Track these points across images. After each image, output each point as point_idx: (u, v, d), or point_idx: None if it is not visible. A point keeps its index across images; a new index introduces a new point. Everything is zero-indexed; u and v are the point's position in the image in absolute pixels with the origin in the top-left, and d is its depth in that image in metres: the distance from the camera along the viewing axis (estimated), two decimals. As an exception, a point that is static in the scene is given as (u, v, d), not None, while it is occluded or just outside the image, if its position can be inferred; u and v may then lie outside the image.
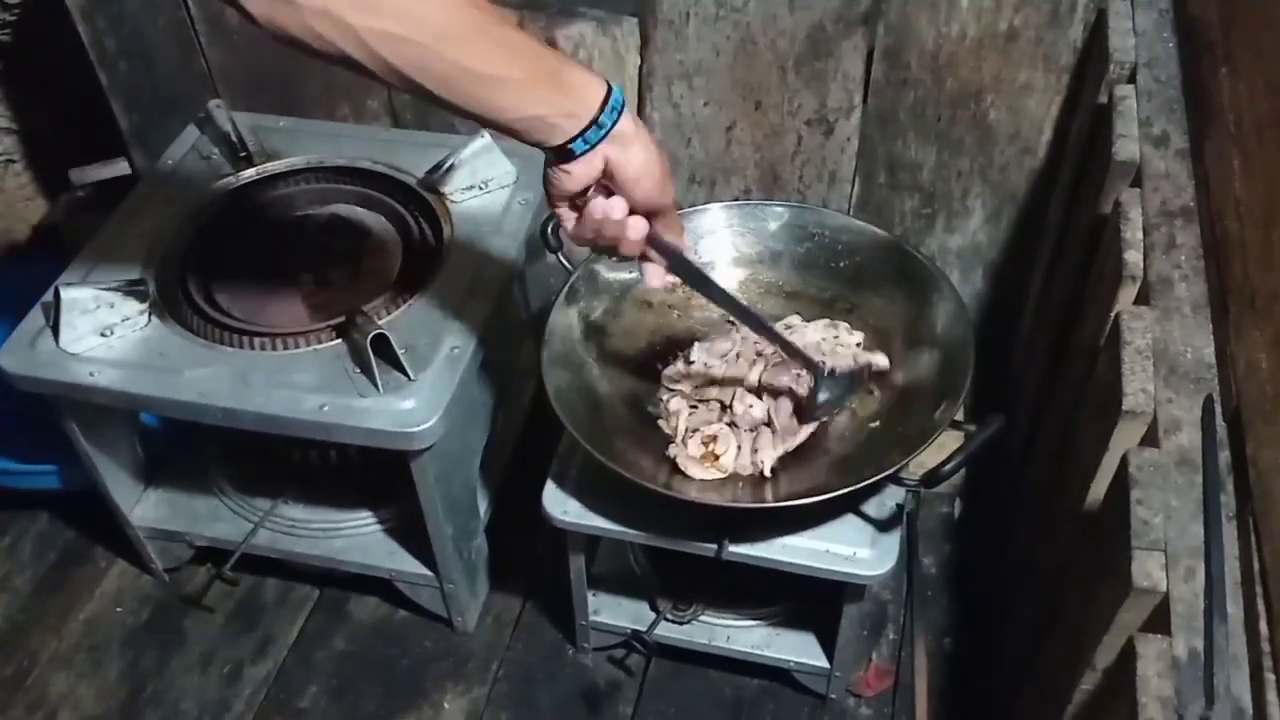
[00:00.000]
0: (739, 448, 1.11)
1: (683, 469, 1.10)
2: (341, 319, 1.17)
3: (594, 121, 0.83)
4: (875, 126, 1.40)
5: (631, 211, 0.90)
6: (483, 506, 1.37)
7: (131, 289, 1.18)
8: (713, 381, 1.16)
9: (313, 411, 1.11)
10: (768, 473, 1.09)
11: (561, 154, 0.85)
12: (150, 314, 1.19)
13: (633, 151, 0.86)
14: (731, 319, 1.19)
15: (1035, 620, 1.11)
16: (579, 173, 0.86)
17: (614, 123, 0.84)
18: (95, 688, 1.39)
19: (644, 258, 0.97)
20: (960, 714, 1.32)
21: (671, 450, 1.12)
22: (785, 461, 1.11)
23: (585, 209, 0.90)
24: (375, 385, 1.11)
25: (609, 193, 0.89)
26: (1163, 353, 0.90)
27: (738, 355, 1.17)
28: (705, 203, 1.34)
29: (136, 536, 1.42)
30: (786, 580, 1.12)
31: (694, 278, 1.02)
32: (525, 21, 1.39)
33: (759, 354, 1.17)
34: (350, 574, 1.39)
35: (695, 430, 1.12)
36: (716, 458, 1.10)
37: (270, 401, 1.12)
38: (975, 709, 1.31)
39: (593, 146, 0.84)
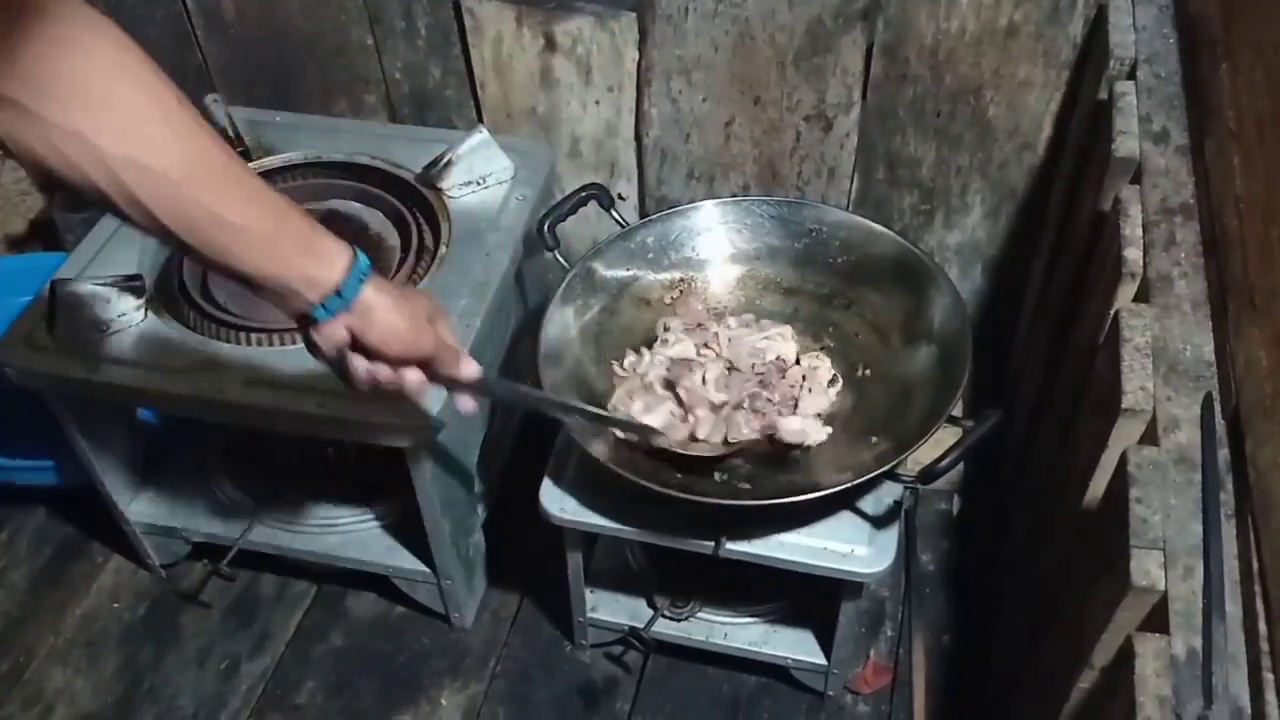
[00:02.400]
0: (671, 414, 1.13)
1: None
2: (338, 315, 1.16)
3: (335, 290, 0.81)
4: (874, 122, 1.40)
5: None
6: (480, 503, 1.37)
7: (128, 284, 1.17)
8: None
9: (310, 408, 1.11)
10: (699, 433, 1.11)
11: (302, 320, 0.83)
12: (146, 309, 1.19)
13: (375, 320, 0.83)
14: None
15: (1033, 618, 1.11)
16: (324, 338, 0.84)
17: (355, 294, 0.82)
18: (92, 683, 1.39)
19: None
20: (958, 711, 1.31)
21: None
22: (781, 457, 1.11)
23: (350, 369, 0.86)
24: (372, 381, 1.11)
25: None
26: (1162, 350, 0.90)
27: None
28: (704, 198, 1.34)
29: (133, 532, 1.42)
30: (784, 577, 1.12)
31: (498, 397, 1.09)
32: (524, 16, 1.39)
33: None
34: (347, 570, 1.39)
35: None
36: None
37: (267, 397, 1.12)
38: (973, 706, 1.31)
39: (333, 315, 0.82)
